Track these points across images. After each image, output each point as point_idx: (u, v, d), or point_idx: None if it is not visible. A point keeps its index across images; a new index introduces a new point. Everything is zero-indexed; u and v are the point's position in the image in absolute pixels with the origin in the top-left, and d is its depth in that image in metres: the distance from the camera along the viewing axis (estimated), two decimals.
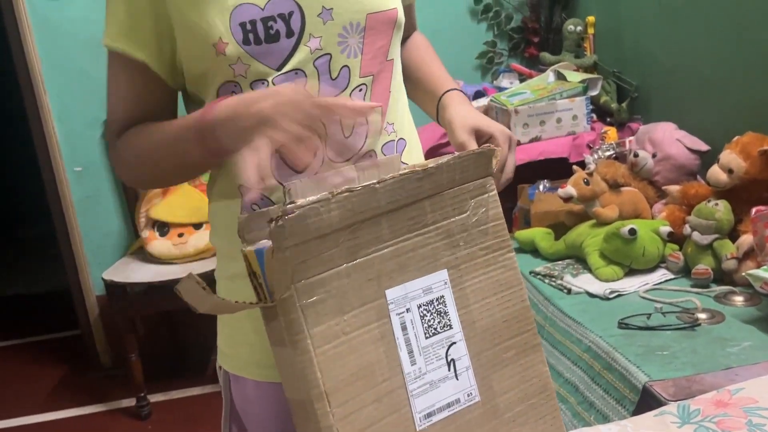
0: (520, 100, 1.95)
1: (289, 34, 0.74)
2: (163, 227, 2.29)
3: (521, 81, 2.36)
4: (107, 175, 2.50)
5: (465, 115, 0.84)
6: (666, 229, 1.46)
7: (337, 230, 0.63)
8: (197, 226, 2.29)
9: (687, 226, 1.42)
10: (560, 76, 2.08)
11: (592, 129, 1.99)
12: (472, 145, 0.80)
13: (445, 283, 0.67)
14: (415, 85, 0.95)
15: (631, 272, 1.46)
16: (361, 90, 0.80)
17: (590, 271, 1.50)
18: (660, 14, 1.86)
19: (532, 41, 2.45)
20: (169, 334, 2.65)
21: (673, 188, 1.55)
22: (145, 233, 2.29)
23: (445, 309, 0.67)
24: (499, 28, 2.51)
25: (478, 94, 2.31)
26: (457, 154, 0.70)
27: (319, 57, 0.76)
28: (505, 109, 1.95)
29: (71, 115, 2.42)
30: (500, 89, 2.34)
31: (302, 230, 0.60)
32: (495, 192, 0.73)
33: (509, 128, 1.93)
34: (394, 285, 0.65)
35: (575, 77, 2.04)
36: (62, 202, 2.47)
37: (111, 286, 2.19)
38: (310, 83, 0.76)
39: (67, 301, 2.84)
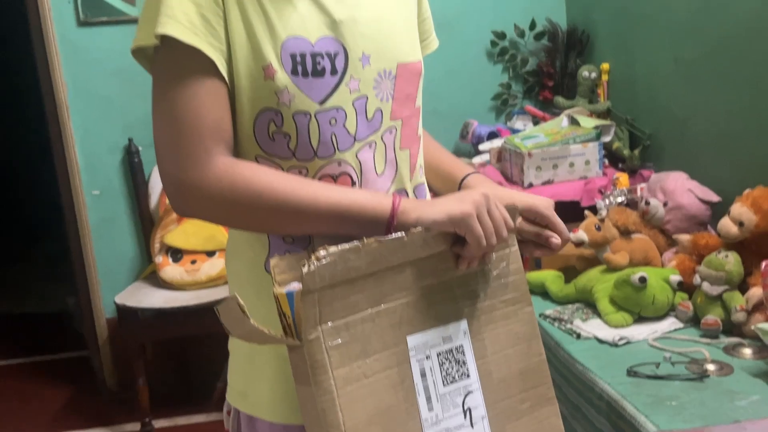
0: (534, 144, 1.99)
1: (333, 72, 0.78)
2: (176, 253, 2.32)
3: (535, 123, 2.41)
4: (124, 199, 2.55)
5: (502, 195, 0.86)
6: (676, 278, 1.48)
7: (364, 276, 0.66)
8: (210, 253, 2.32)
9: (697, 276, 1.44)
10: (574, 121, 2.11)
11: (604, 174, 2.02)
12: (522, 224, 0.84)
13: (465, 333, 0.70)
14: (428, 167, 0.97)
15: (640, 319, 1.48)
16: (391, 132, 0.84)
17: (600, 316, 1.51)
18: (674, 66, 1.90)
19: (547, 85, 2.50)
20: (175, 360, 2.66)
21: (684, 237, 1.57)
22: (159, 258, 2.33)
23: (464, 358, 0.70)
24: (515, 70, 2.56)
25: (492, 135, 2.35)
26: None
27: (358, 98, 0.80)
28: (519, 151, 1.99)
29: (93, 140, 2.48)
30: (514, 131, 2.38)
31: (331, 275, 0.63)
32: (516, 247, 0.76)
33: (522, 171, 1.97)
34: (416, 332, 0.68)
35: (589, 123, 2.08)
36: (78, 224, 2.51)
37: (123, 310, 2.21)
38: (349, 121, 0.79)
39: (75, 322, 2.87)
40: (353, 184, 0.80)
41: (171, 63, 0.74)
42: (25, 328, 3.53)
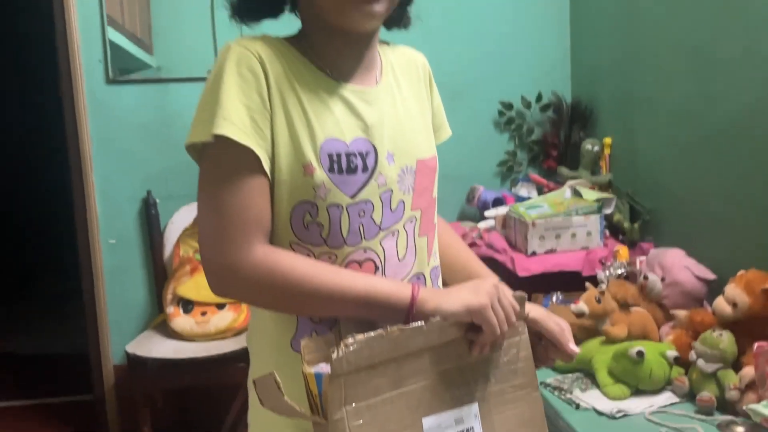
0: (538, 214, 2.08)
1: (365, 169, 0.87)
2: (187, 305, 2.38)
3: (538, 191, 2.50)
4: (138, 249, 2.62)
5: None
6: (672, 353, 1.54)
7: (386, 362, 0.73)
8: (220, 306, 2.38)
9: (693, 352, 1.50)
10: (576, 193, 2.20)
11: (605, 245, 2.10)
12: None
13: (476, 415, 0.76)
14: (447, 266, 1.04)
15: (637, 392, 1.53)
16: (411, 221, 0.93)
17: (598, 387, 1.57)
18: (674, 146, 2.00)
19: (551, 154, 2.60)
20: (179, 409, 2.69)
21: (681, 313, 1.63)
22: (171, 309, 2.39)
23: None
24: (521, 139, 2.67)
25: (497, 201, 2.44)
26: None
27: (384, 191, 0.89)
28: (523, 220, 2.07)
29: (113, 190, 2.57)
30: (518, 197, 2.47)
31: (357, 361, 0.70)
32: (526, 335, 0.83)
33: (526, 239, 2.05)
34: (431, 414, 0.74)
35: (591, 195, 2.16)
36: (93, 270, 2.58)
37: (133, 359, 2.26)
38: (376, 212, 0.87)
39: (82, 366, 2.90)
40: (377, 268, 0.88)
41: (223, 159, 0.82)
42: (27, 369, 3.56)
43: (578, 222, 2.07)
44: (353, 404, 0.71)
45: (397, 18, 0.97)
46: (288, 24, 0.98)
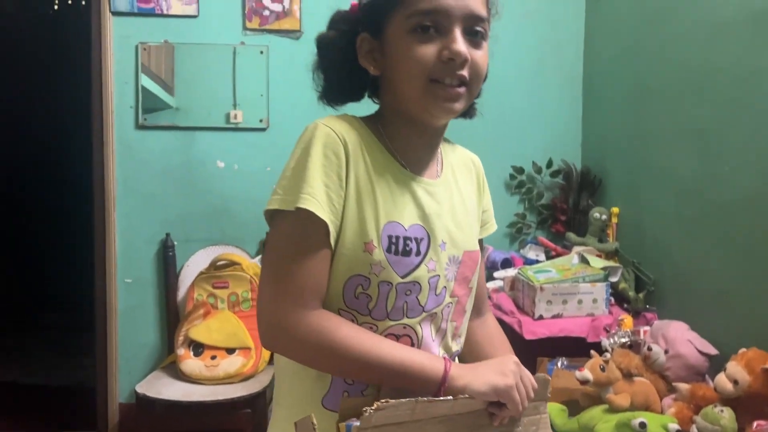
0: (546, 278, 2.14)
1: (418, 253, 0.94)
2: (198, 347, 2.43)
3: (546, 254, 2.57)
4: (153, 289, 2.68)
5: None
6: (674, 426, 1.57)
7: (409, 422, 0.79)
8: (230, 351, 2.43)
9: (694, 426, 1.54)
10: (584, 260, 2.27)
11: (610, 313, 2.16)
12: None
13: None
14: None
15: None
16: (448, 307, 1.00)
17: None
18: (680, 220, 2.08)
19: (560, 219, 2.68)
20: None
21: (683, 387, 1.68)
22: (181, 351, 2.43)
23: None
24: (530, 203, 2.75)
25: (506, 263, 2.51)
26: None
27: (432, 276, 0.96)
28: (531, 284, 2.14)
29: (133, 231, 2.65)
30: (526, 259, 2.54)
31: (385, 419, 0.77)
32: (547, 415, 0.90)
33: (534, 302, 2.11)
34: None
35: (598, 263, 2.23)
36: (108, 308, 2.64)
37: (142, 400, 2.30)
38: (422, 294, 0.95)
39: (87, 401, 2.93)
40: (412, 344, 0.95)
41: (297, 229, 0.89)
42: (30, 400, 3.57)
43: (585, 289, 2.13)
44: None
45: (467, 110, 1.04)
46: None
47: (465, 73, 0.92)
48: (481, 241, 1.12)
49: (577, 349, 2.06)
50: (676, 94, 2.10)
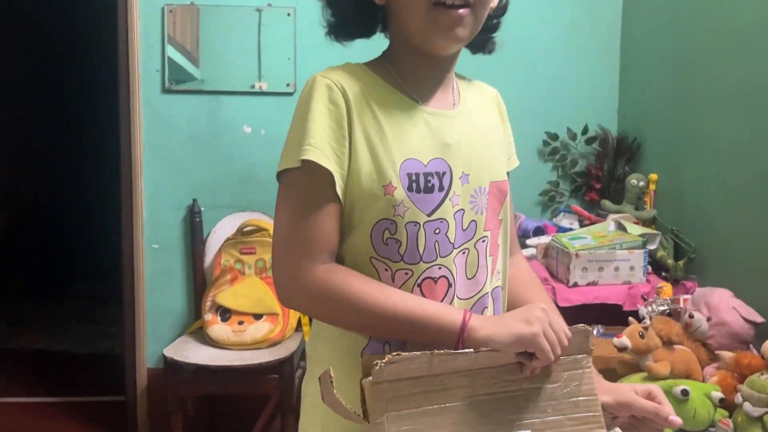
0: (582, 245, 2.07)
1: (441, 188, 0.90)
2: (225, 313, 2.42)
3: (580, 222, 2.50)
4: (180, 255, 2.67)
5: (608, 388, 0.92)
6: (718, 394, 1.52)
7: (427, 377, 0.75)
8: (258, 316, 2.41)
9: (739, 395, 1.48)
10: (620, 227, 2.20)
11: (648, 281, 2.09)
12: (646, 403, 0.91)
13: None
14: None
15: (680, 431, 1.51)
16: (483, 241, 0.96)
17: None
18: (723, 188, 1.99)
19: (594, 187, 2.60)
20: (209, 416, 2.71)
21: (727, 355, 1.61)
22: (208, 316, 2.42)
23: None
24: (564, 170, 2.67)
25: (539, 231, 2.45)
26: None
27: (457, 211, 0.92)
28: (566, 251, 2.07)
29: (160, 197, 2.63)
30: (559, 228, 2.47)
31: (399, 373, 0.74)
32: (591, 370, 0.83)
33: (568, 269, 2.05)
34: None
35: (635, 230, 2.16)
36: (135, 273, 2.64)
37: (170, 364, 2.29)
38: (450, 231, 0.91)
39: (115, 368, 2.95)
40: (450, 285, 0.91)
41: (304, 183, 0.88)
42: (59, 367, 3.62)
43: (622, 256, 2.06)
44: (394, 412, 0.73)
45: (482, 44, 1.01)
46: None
47: None
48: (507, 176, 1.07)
49: (612, 317, 1.99)
50: (722, 53, 2.00)
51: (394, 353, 0.75)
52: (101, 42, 3.70)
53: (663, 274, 2.15)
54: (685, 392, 1.48)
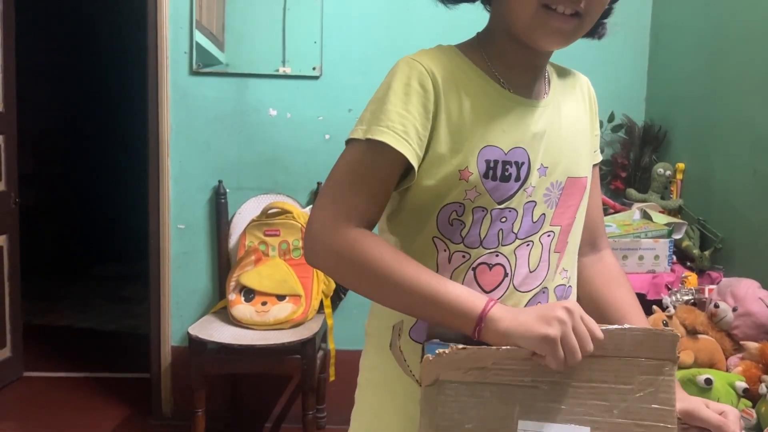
0: (607, 233, 2.06)
1: (517, 179, 0.89)
2: (249, 293, 2.45)
3: (604, 211, 2.48)
4: (205, 236, 2.71)
5: (686, 406, 0.87)
6: (742, 384, 1.51)
7: (487, 357, 0.75)
8: (281, 297, 2.44)
9: (763, 385, 1.47)
10: (646, 215, 2.18)
11: (672, 271, 2.07)
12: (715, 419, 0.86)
13: None
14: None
15: None
16: (549, 235, 0.93)
17: None
18: (753, 177, 1.96)
19: (620, 175, 2.58)
20: (231, 395, 2.75)
21: (752, 345, 1.60)
22: (232, 296, 2.45)
23: None
24: None
25: None
26: (628, 326, 0.77)
27: (528, 202, 0.90)
28: None
29: (186, 178, 2.66)
30: None
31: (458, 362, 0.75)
32: (673, 378, 0.77)
33: None
34: (529, 419, 0.74)
35: (661, 219, 2.14)
36: (161, 253, 2.68)
37: (194, 341, 2.33)
38: (517, 221, 0.89)
39: (140, 345, 3.01)
40: (506, 275, 0.90)
41: (368, 158, 0.87)
42: (85, 343, 3.70)
43: (647, 245, 2.05)
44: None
45: (593, 29, 0.98)
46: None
47: (582, 4, 0.85)
48: (594, 168, 1.05)
49: None
50: (754, 40, 1.97)
51: (460, 346, 0.74)
52: (132, 25, 3.74)
53: (688, 264, 2.13)
54: (708, 381, 1.47)
